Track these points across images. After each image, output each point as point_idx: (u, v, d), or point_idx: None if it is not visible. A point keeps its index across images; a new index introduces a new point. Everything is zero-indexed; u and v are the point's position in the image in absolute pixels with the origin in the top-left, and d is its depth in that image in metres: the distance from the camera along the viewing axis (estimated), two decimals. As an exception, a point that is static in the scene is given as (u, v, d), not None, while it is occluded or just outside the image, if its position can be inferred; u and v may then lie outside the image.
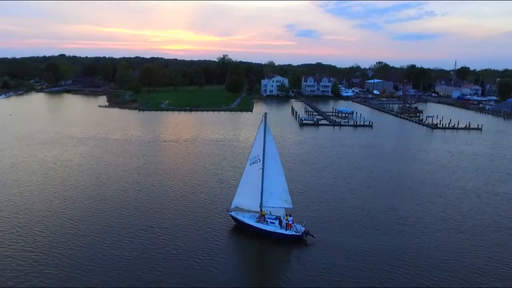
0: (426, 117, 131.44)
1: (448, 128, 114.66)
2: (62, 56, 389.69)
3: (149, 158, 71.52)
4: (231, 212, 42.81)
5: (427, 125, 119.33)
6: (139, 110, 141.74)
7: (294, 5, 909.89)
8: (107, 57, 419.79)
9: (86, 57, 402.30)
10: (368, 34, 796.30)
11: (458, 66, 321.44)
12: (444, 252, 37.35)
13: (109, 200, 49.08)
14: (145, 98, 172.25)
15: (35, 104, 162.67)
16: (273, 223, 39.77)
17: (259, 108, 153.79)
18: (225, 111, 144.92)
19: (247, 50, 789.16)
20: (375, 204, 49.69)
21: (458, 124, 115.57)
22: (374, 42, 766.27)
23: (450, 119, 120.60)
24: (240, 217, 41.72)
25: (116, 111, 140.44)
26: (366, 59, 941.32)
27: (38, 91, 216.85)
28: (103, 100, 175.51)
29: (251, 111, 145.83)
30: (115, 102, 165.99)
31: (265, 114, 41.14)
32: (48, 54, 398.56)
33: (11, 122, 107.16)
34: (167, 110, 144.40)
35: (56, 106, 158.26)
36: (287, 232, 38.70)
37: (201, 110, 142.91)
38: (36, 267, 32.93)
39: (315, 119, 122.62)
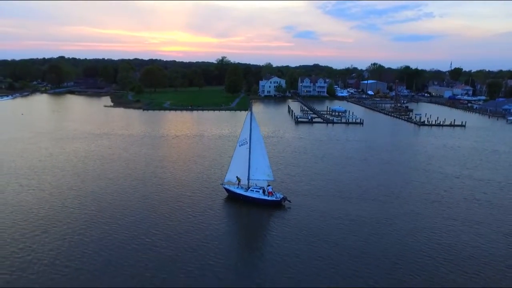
0: (415, 115, 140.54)
1: (434, 125, 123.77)
2: (61, 58, 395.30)
3: (168, 149, 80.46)
4: (224, 185, 52.75)
5: (414, 122, 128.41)
6: (144, 110, 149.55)
7: (292, 7, 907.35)
8: (105, 59, 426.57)
9: (85, 59, 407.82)
10: (366, 35, 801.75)
11: (454, 67, 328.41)
12: (420, 218, 46.06)
13: (144, 180, 58.44)
14: (148, 99, 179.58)
15: (42, 104, 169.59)
16: (258, 191, 50.28)
17: (257, 108, 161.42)
18: (225, 110, 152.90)
19: (245, 52, 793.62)
20: (366, 183, 59.03)
21: (444, 121, 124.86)
22: (372, 43, 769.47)
23: (438, 117, 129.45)
24: (232, 188, 51.59)
25: (121, 111, 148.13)
26: (364, 60, 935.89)
27: (42, 92, 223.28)
28: (107, 100, 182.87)
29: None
30: (119, 102, 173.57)
31: (251, 101, 50.88)
32: (47, 56, 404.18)
33: (27, 121, 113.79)
34: (170, 109, 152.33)
35: (63, 106, 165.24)
36: (269, 198, 49.19)
37: (202, 110, 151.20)
38: (93, 236, 41.43)
39: (309, 117, 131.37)
